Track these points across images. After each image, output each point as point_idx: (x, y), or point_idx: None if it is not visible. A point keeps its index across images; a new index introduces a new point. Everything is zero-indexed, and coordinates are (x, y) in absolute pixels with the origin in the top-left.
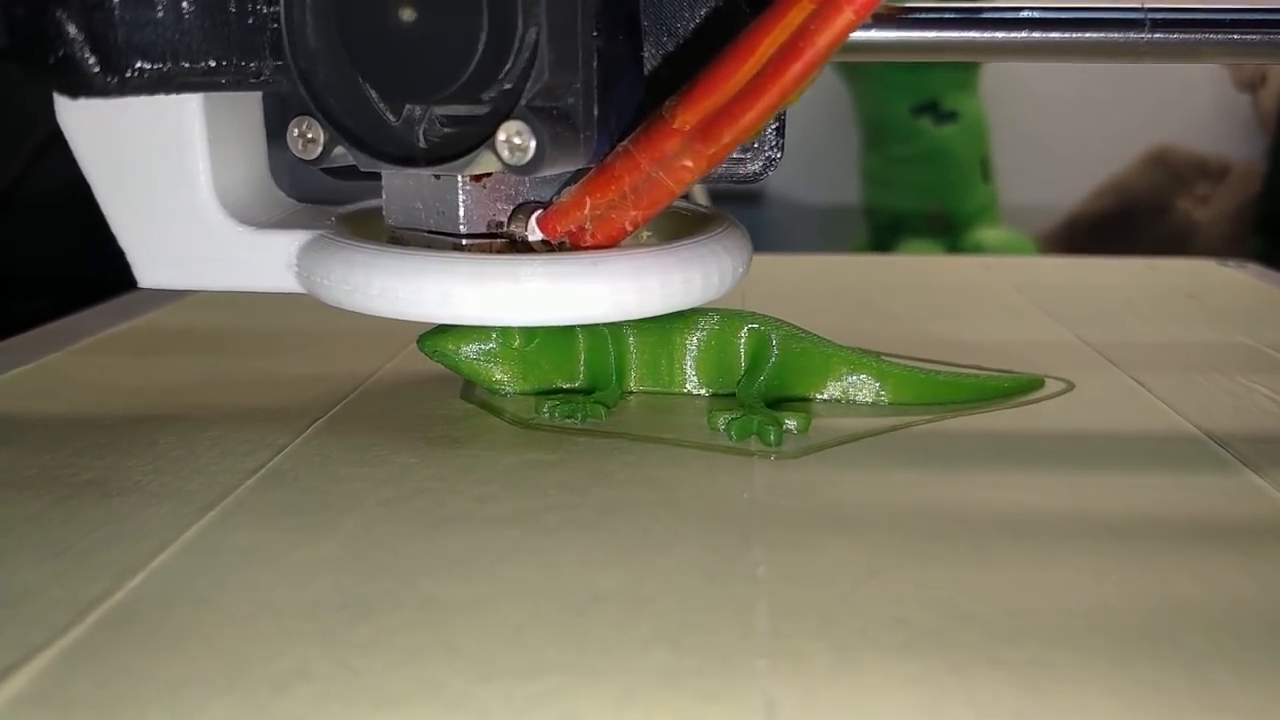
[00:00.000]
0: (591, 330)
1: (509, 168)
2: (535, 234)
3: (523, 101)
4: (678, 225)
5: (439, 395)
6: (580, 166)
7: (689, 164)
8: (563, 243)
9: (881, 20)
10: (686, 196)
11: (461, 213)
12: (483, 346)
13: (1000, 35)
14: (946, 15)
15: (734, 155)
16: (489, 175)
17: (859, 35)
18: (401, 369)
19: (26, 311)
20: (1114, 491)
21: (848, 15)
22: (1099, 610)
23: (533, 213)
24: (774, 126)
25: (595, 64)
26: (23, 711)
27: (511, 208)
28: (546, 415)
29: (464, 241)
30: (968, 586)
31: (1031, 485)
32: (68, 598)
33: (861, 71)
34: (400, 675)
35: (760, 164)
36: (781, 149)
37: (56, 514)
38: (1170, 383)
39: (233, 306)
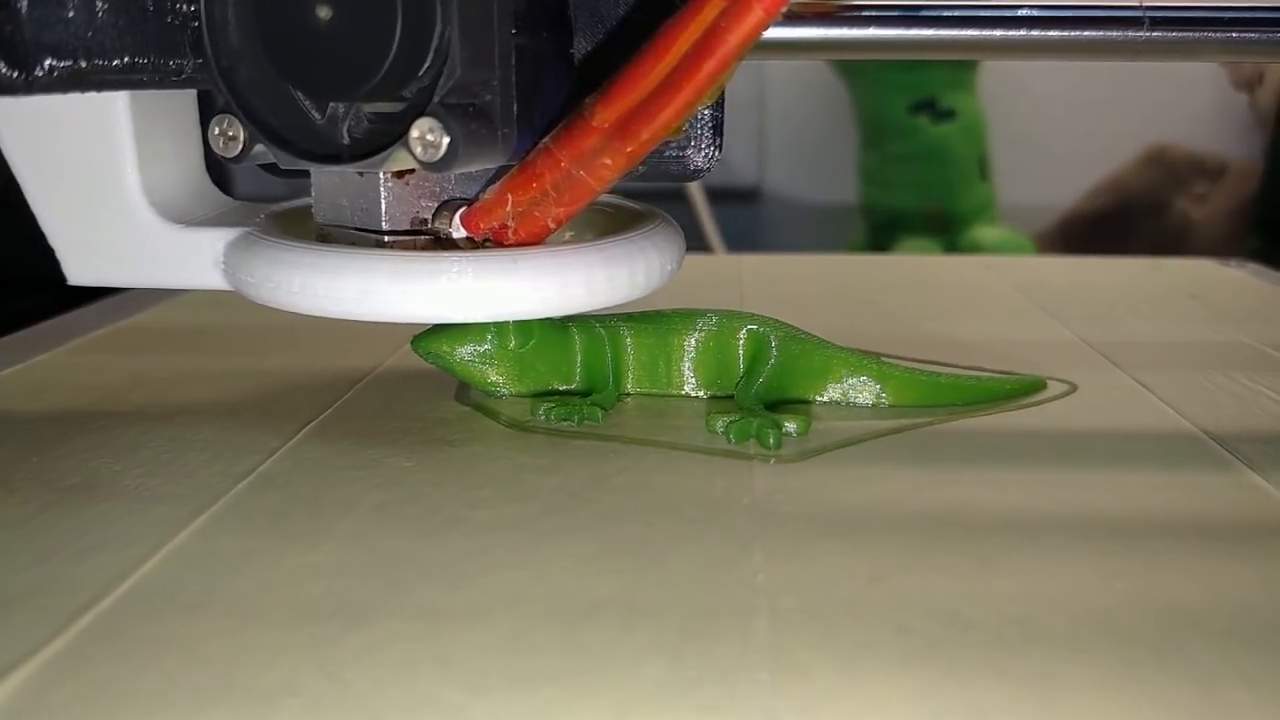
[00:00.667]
0: (588, 331)
1: (423, 165)
2: (459, 231)
3: (436, 98)
4: (613, 222)
5: (433, 397)
6: (501, 164)
7: (608, 162)
8: (486, 240)
9: (793, 19)
10: (685, 192)
11: (384, 209)
12: (477, 348)
13: (999, 33)
14: (946, 14)
15: (673, 152)
16: (411, 172)
17: (859, 33)
18: (395, 369)
19: (20, 310)
20: (1117, 494)
21: (757, 13)
22: (1104, 618)
23: (457, 210)
24: (711, 125)
25: (514, 61)
26: None
27: (436, 205)
28: (542, 418)
29: (386, 239)
30: (971, 594)
31: (1034, 488)
32: (53, 605)
33: (859, 70)
34: (391, 688)
35: (700, 160)
36: (720, 146)
37: (44, 519)
38: (1173, 383)
39: (225, 305)
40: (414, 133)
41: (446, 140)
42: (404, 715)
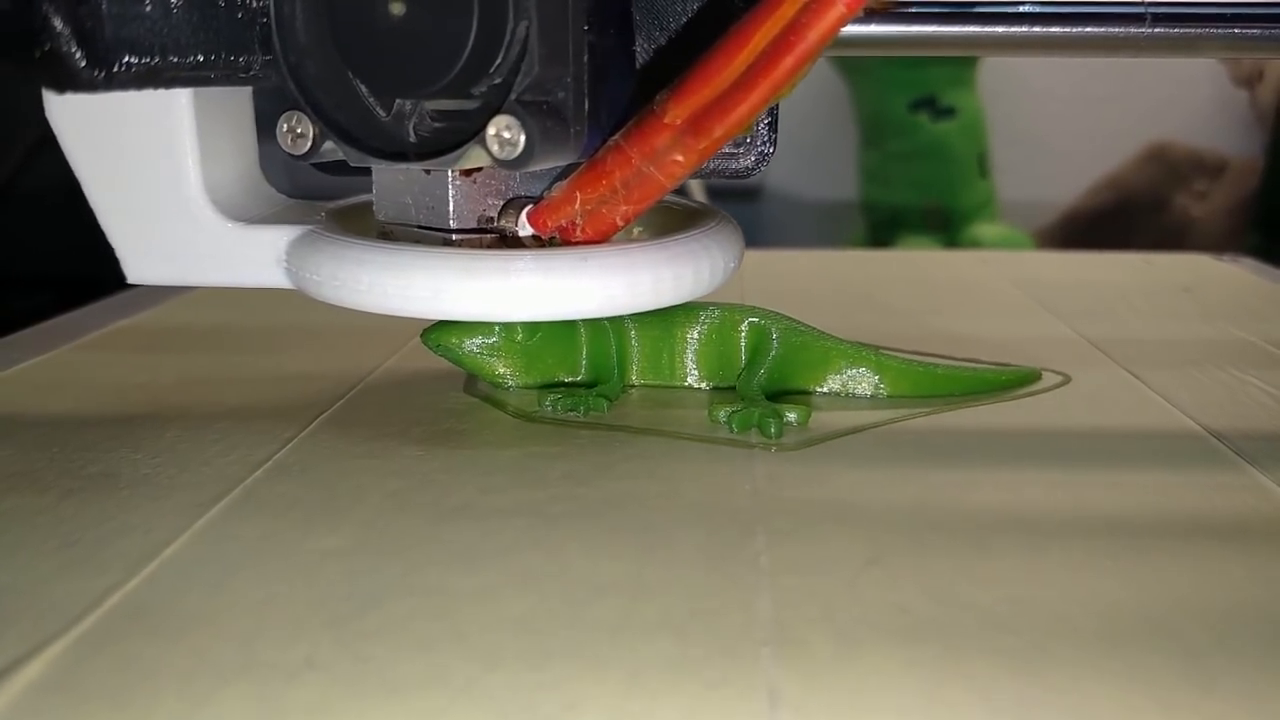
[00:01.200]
0: (593, 324)
1: (498, 162)
2: (526, 229)
3: (513, 96)
4: (670, 220)
5: (442, 389)
6: (571, 161)
7: (680, 158)
8: (553, 238)
9: (884, 14)
10: (682, 192)
11: (451, 208)
12: (486, 340)
13: (1001, 30)
14: (947, 10)
15: (727, 150)
16: (479, 170)
17: (859, 30)
18: (404, 364)
19: (26, 308)
20: (1110, 484)
21: (839, 9)
22: (1096, 599)
23: (523, 208)
24: (766, 121)
25: (586, 58)
26: (38, 699)
27: (502, 203)
28: (549, 409)
29: (454, 237)
30: (966, 575)
31: (1029, 478)
32: (81, 587)
33: (859, 67)
34: (408, 663)
35: (753, 159)
36: (774, 144)
37: (67, 506)
38: (1166, 377)
39: (234, 302)
40: (490, 130)
41: (523, 138)
42: (421, 688)
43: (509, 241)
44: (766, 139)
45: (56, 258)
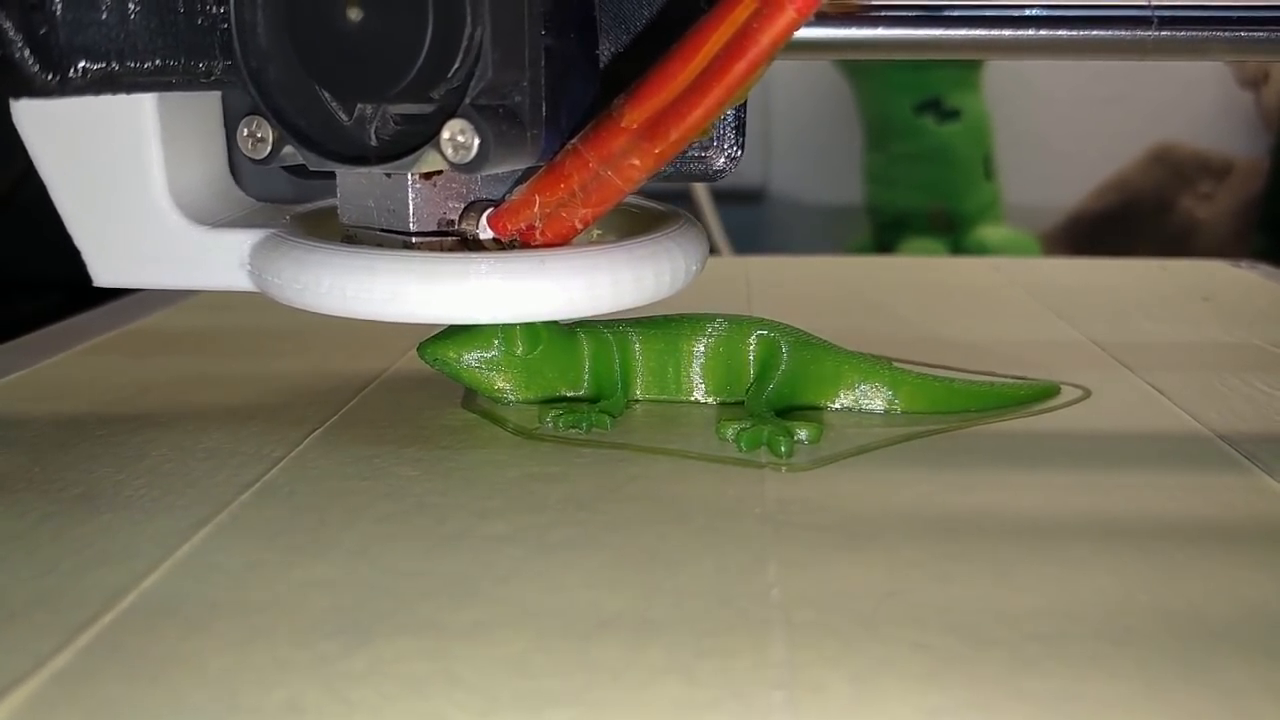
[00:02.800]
0: (596, 337)
1: (454, 166)
2: (486, 232)
3: (467, 100)
4: (634, 223)
5: (439, 404)
6: (529, 165)
7: (636, 162)
8: (514, 241)
9: (824, 18)
10: (685, 194)
11: (411, 211)
12: (485, 354)
13: (1008, 33)
14: (955, 14)
15: (695, 152)
16: (439, 174)
17: (866, 33)
18: (401, 375)
19: (30, 312)
20: (1135, 502)
21: (790, 14)
22: (1128, 633)
23: (484, 211)
24: (733, 125)
25: (544, 63)
26: None
27: (463, 206)
28: (550, 425)
29: (414, 240)
30: (990, 607)
31: (1051, 496)
32: (55, 621)
33: (863, 70)
34: (398, 708)
35: (722, 161)
36: (742, 146)
37: (45, 530)
38: (1187, 387)
39: (234, 309)
40: (445, 134)
41: (478, 141)
42: None
43: (470, 245)
44: (734, 141)
45: (62, 262)
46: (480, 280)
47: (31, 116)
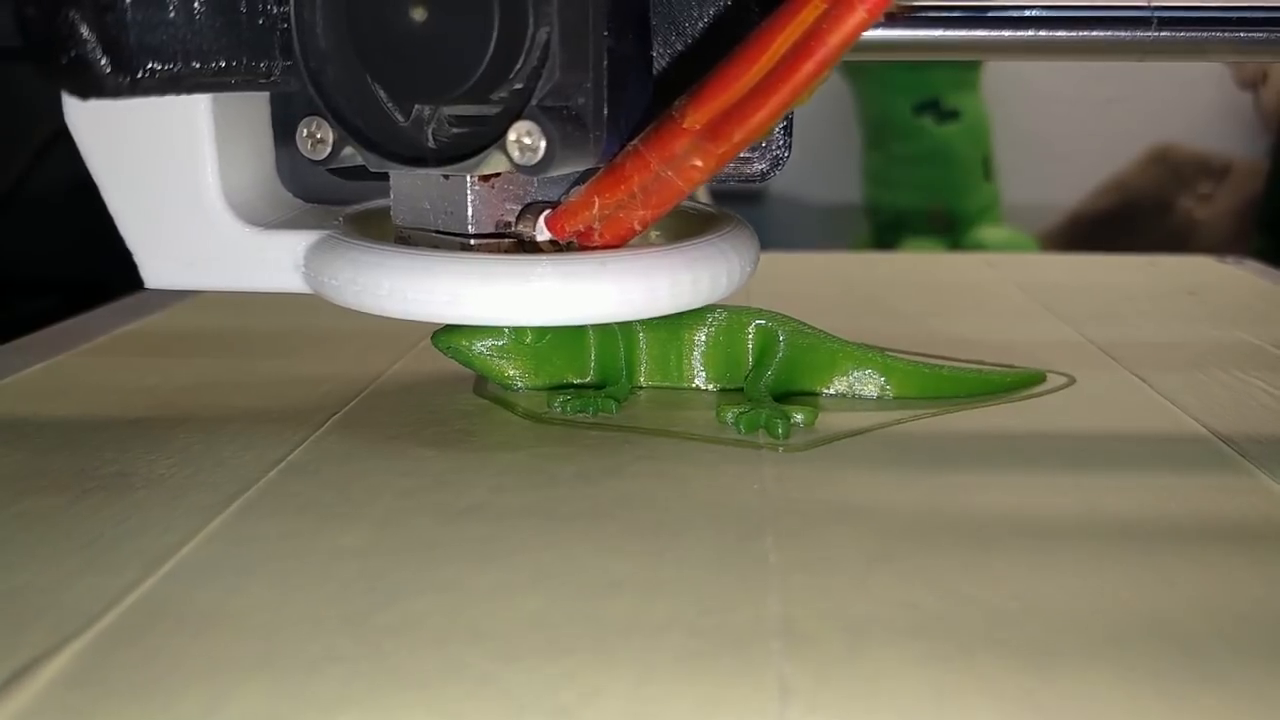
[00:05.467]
0: (601, 327)
1: (519, 168)
2: (544, 234)
3: (533, 101)
4: (685, 225)
5: (452, 391)
6: (589, 166)
7: (699, 163)
8: (571, 243)
9: (901, 19)
10: (693, 195)
11: (470, 213)
12: (496, 342)
13: (1008, 34)
14: (955, 14)
15: (742, 155)
16: (497, 175)
17: (866, 34)
18: (412, 367)
19: (31, 312)
20: (1116, 485)
21: (860, 14)
22: (1102, 598)
23: (541, 212)
24: (782, 126)
25: (605, 64)
26: (63, 693)
27: (520, 208)
28: (558, 410)
29: (472, 242)
30: (973, 574)
31: (1035, 479)
32: (101, 585)
33: (863, 70)
34: (427, 656)
35: (768, 163)
36: (789, 148)
37: (83, 507)
38: (1171, 378)
39: (240, 307)
40: (511, 135)
41: (544, 143)
42: (440, 681)
43: (527, 246)
44: (782, 143)
45: (63, 262)
46: (542, 283)
47: (85, 117)
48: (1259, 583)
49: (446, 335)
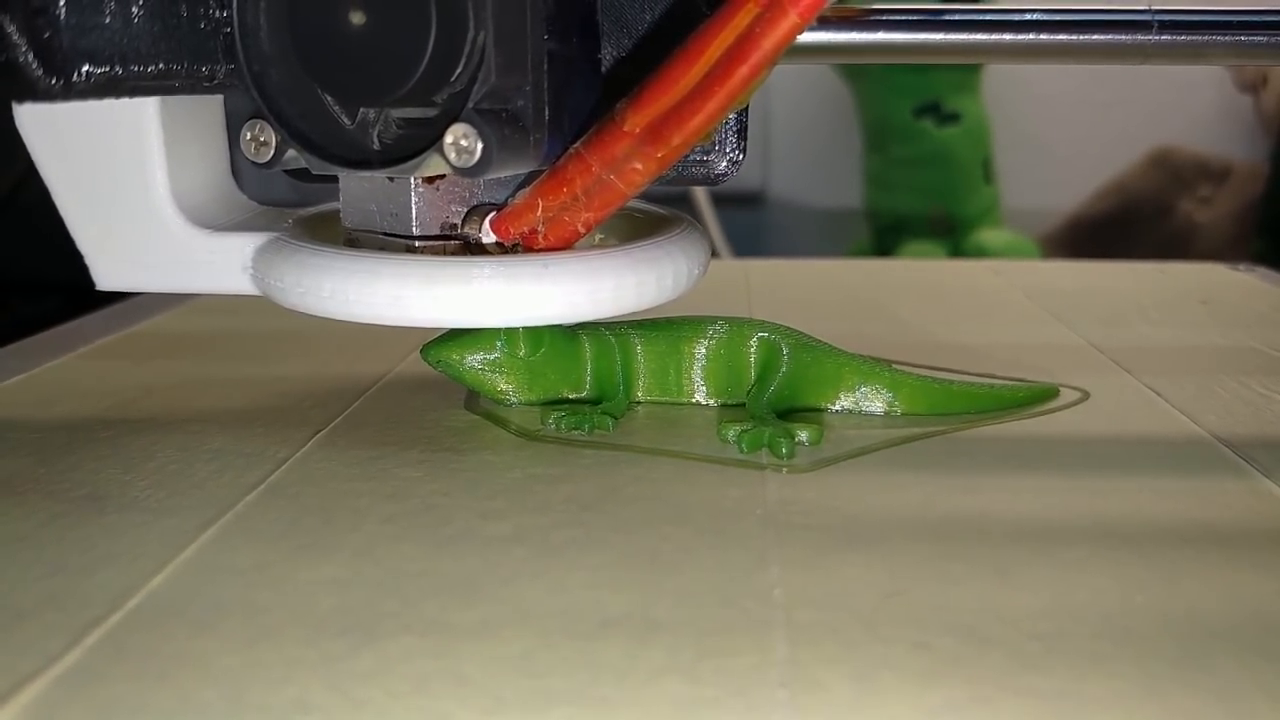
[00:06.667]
0: (598, 339)
1: (456, 170)
2: (489, 236)
3: (470, 104)
4: (638, 227)
5: (442, 406)
6: (532, 169)
7: (639, 166)
8: (516, 245)
9: (824, 22)
10: (685, 198)
11: (414, 215)
12: (487, 356)
13: (1008, 37)
14: (953, 18)
15: (697, 156)
16: (442, 177)
17: (865, 37)
18: (403, 377)
19: (31, 315)
20: (1134, 503)
21: (792, 18)
22: (1127, 633)
23: (487, 215)
24: (735, 129)
25: (546, 67)
26: None
27: (465, 210)
28: (552, 427)
29: (417, 244)
30: (990, 608)
31: (1050, 498)
32: (61, 621)
33: (863, 73)
34: (404, 706)
35: (724, 164)
36: (744, 150)
37: (51, 531)
38: (1185, 390)
39: (235, 312)
40: (448, 138)
41: (480, 146)
42: None
43: (472, 248)
44: (736, 145)
45: (63, 265)
46: (483, 284)
47: (34, 120)
48: None
49: (437, 349)
